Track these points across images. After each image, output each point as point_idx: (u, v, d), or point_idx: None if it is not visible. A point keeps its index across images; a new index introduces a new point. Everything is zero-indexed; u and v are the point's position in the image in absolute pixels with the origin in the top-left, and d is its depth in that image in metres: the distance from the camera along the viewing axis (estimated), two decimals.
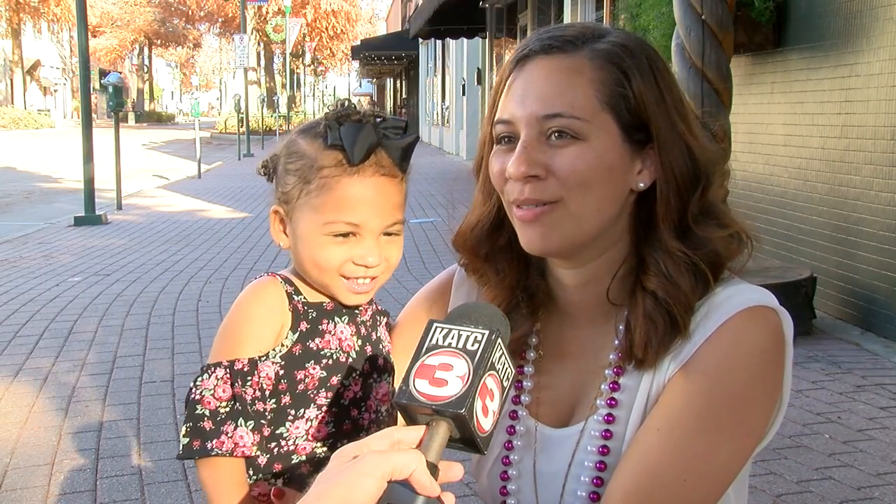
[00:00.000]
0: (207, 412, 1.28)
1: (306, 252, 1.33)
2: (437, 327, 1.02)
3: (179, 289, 7.26)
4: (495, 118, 1.27)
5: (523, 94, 1.23)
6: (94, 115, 12.91)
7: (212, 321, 6.15)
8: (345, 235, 1.31)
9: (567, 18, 12.61)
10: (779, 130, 6.83)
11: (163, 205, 13.60)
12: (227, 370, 1.29)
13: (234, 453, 1.28)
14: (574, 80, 1.21)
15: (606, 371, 1.28)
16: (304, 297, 1.36)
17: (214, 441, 1.27)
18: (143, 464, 3.70)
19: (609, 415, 1.27)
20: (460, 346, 0.99)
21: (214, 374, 1.29)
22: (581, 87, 1.21)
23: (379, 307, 1.48)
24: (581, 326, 1.34)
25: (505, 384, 1.01)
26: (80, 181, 11.67)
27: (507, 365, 1.02)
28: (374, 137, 1.30)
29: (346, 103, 1.35)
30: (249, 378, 1.30)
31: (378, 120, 1.33)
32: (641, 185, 1.25)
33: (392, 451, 0.93)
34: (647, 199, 1.25)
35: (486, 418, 0.97)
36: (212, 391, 1.29)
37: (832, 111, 6.07)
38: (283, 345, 1.32)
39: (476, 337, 1.00)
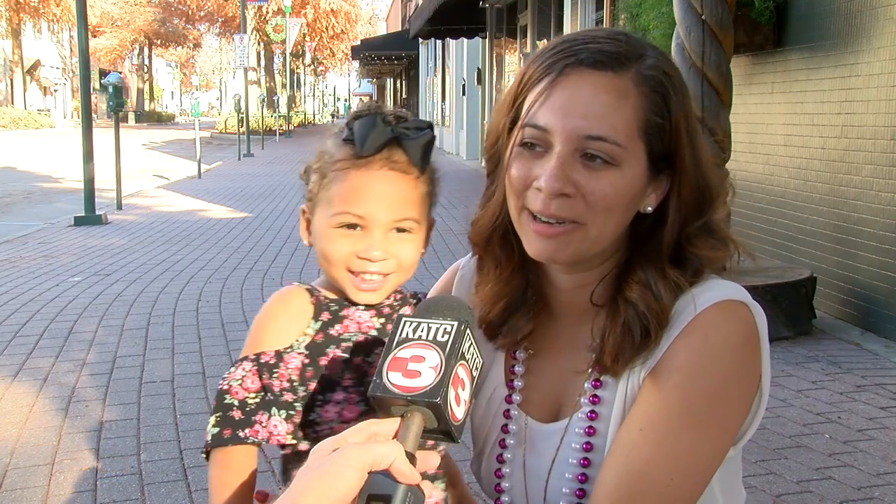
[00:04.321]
0: (236, 402, 1.31)
1: (318, 245, 1.36)
2: (405, 321, 1.04)
3: (179, 289, 7.26)
4: (526, 120, 1.23)
5: (566, 106, 1.20)
6: (94, 115, 12.90)
7: (212, 321, 6.15)
8: (351, 227, 1.32)
9: (567, 18, 12.61)
10: (779, 130, 6.83)
11: (163, 205, 13.59)
12: (254, 363, 1.33)
13: (270, 441, 1.31)
14: (620, 103, 1.19)
15: (590, 369, 1.30)
16: (326, 295, 1.39)
17: (248, 430, 1.30)
18: (143, 464, 3.70)
19: (592, 412, 1.28)
20: (431, 338, 1.01)
21: (241, 367, 1.33)
22: (624, 111, 1.19)
23: (409, 294, 1.47)
24: (570, 324, 1.35)
25: (475, 373, 1.04)
26: (80, 181, 11.66)
27: (476, 355, 1.05)
28: (384, 132, 1.30)
29: (375, 104, 1.38)
30: (276, 370, 1.32)
31: (396, 119, 1.34)
32: (649, 208, 1.26)
33: (371, 442, 0.95)
34: (647, 214, 1.27)
35: (458, 407, 1.00)
36: (240, 382, 1.32)
37: (832, 111, 6.07)
38: (305, 334, 1.35)
39: (445, 328, 1.02)
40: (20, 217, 12.63)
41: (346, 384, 1.34)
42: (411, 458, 0.95)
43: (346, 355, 1.35)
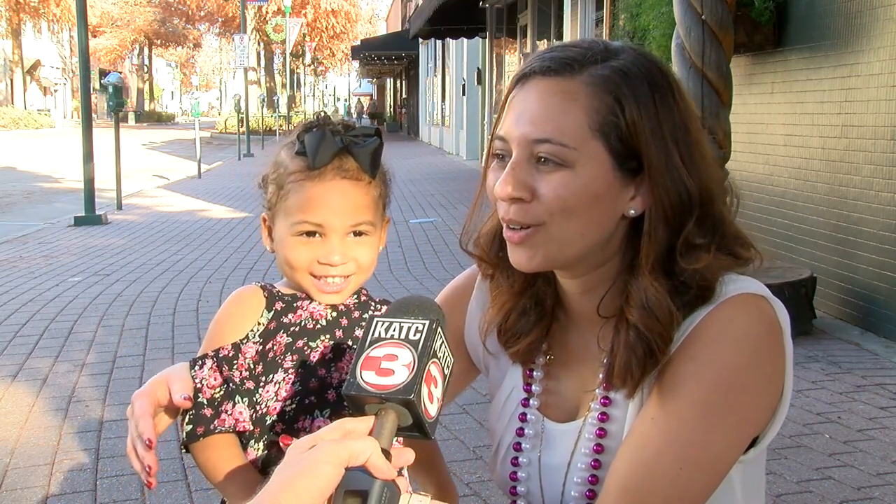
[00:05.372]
0: (205, 400, 1.38)
1: (281, 253, 1.45)
2: (377, 321, 1.06)
3: (179, 289, 7.26)
4: (494, 134, 1.30)
5: (518, 114, 1.25)
6: (94, 115, 12.90)
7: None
8: (310, 234, 1.41)
9: (567, 18, 12.60)
10: (779, 130, 6.83)
11: (163, 205, 13.59)
12: (214, 359, 1.41)
13: (237, 427, 1.37)
14: (567, 105, 1.21)
15: (601, 373, 1.31)
16: (281, 290, 1.47)
17: (216, 421, 1.37)
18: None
19: (603, 413, 1.29)
20: (403, 336, 1.03)
21: (206, 366, 1.40)
22: (573, 113, 1.21)
23: (377, 298, 1.53)
24: (584, 330, 1.36)
25: (446, 371, 1.06)
26: (80, 181, 11.66)
27: (447, 353, 1.06)
28: (334, 144, 1.38)
29: (322, 114, 1.46)
30: (235, 361, 1.40)
31: (344, 129, 1.42)
32: (632, 211, 1.24)
33: (347, 439, 0.97)
34: (641, 223, 1.25)
35: (431, 404, 1.02)
36: (206, 380, 1.39)
37: (832, 111, 6.07)
38: (259, 323, 1.43)
39: (417, 327, 1.04)
40: (20, 217, 12.63)
41: (286, 366, 1.41)
42: (386, 454, 0.97)
43: (290, 339, 1.42)
